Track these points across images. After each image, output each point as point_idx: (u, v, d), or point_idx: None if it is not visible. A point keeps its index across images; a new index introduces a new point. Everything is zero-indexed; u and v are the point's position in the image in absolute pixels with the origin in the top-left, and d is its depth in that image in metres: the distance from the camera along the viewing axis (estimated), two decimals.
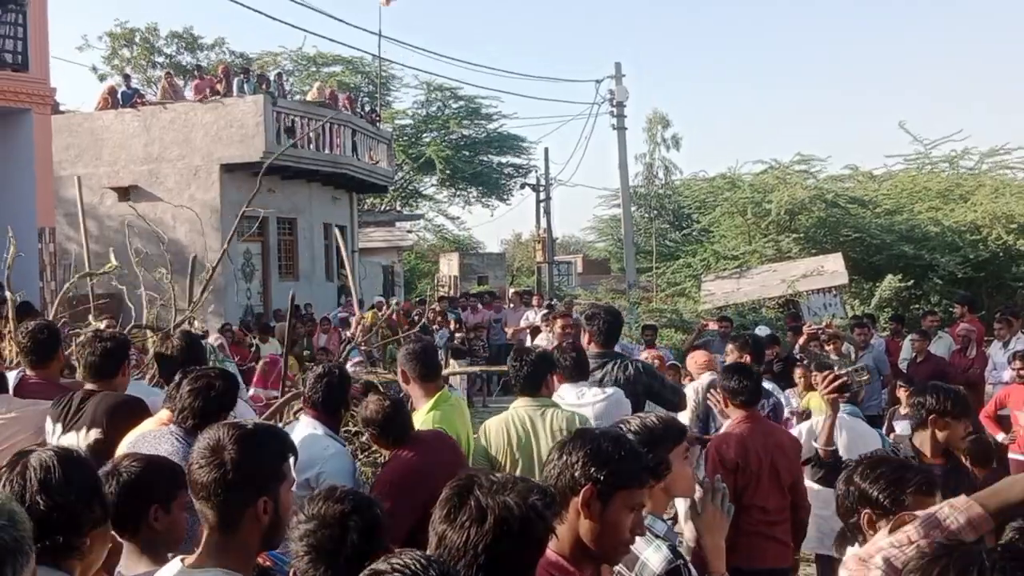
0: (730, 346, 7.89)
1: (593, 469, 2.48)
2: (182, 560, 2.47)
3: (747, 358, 7.23)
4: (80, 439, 4.28)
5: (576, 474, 2.49)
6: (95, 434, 4.29)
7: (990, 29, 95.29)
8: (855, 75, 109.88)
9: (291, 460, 2.60)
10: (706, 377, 7.46)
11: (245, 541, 2.48)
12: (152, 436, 3.97)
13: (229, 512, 2.44)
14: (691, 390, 7.35)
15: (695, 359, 8.13)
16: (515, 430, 4.92)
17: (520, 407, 5.05)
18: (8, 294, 7.59)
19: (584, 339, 6.29)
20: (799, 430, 6.27)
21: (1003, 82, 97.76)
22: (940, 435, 4.24)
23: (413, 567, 1.73)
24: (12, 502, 1.60)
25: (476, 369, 14.10)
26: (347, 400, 4.99)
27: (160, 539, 2.88)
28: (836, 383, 5.18)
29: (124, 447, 3.91)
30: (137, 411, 4.41)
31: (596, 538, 2.49)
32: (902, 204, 24.62)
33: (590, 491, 2.47)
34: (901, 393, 8.93)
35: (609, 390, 5.67)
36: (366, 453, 6.24)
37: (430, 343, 6.13)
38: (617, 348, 6.37)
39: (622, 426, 3.24)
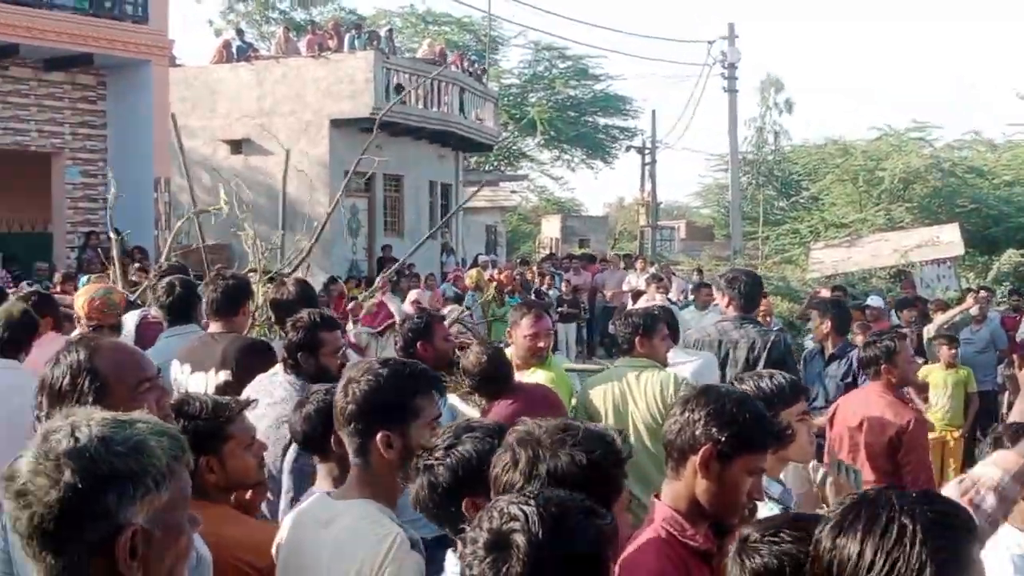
0: (813, 312, 7.76)
1: (715, 429, 2.41)
2: (328, 493, 2.59)
3: (828, 324, 7.14)
4: (209, 380, 4.36)
5: (697, 432, 2.43)
6: (224, 376, 4.36)
7: None
8: (976, 43, 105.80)
9: (433, 396, 2.63)
10: None
11: (378, 474, 2.53)
12: (267, 381, 4.10)
13: (358, 443, 2.53)
14: None
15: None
16: (612, 392, 4.91)
17: (620, 367, 5.08)
18: (112, 235, 7.78)
19: (723, 302, 6.22)
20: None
21: None
22: None
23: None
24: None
25: (588, 367, 14.05)
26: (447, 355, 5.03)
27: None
28: None
29: (248, 390, 3.98)
30: (267, 355, 4.49)
31: (712, 499, 2.43)
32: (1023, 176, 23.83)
33: (709, 451, 2.40)
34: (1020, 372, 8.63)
35: (704, 353, 5.63)
36: None
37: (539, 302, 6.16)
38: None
39: (737, 384, 3.18)
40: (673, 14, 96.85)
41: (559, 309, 16.18)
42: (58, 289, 10.85)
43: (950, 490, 2.24)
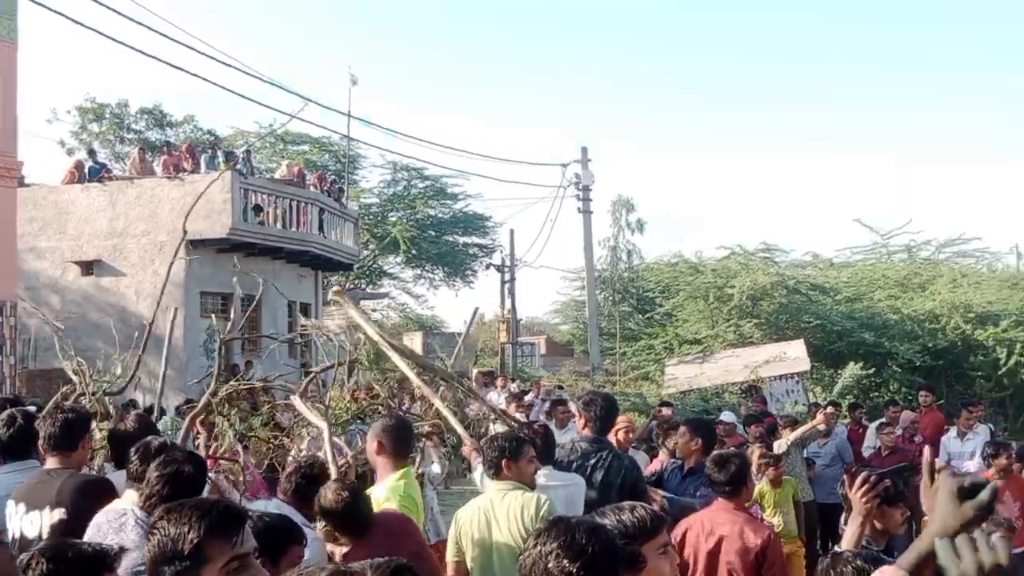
0: (683, 428, 7.90)
1: (566, 561, 2.43)
2: None
3: (698, 442, 7.23)
4: (44, 518, 4.19)
5: (549, 566, 2.44)
6: (59, 514, 4.19)
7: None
8: (813, 165, 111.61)
9: (227, 537, 2.44)
10: None
11: None
12: (117, 522, 3.91)
13: None
14: None
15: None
16: (478, 517, 4.93)
17: (489, 491, 5.09)
18: None
19: (579, 423, 6.32)
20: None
21: (953, 171, 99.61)
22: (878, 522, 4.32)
23: None
24: None
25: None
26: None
27: None
28: (877, 487, 3.84)
29: (91, 531, 3.84)
30: (105, 492, 4.31)
31: None
32: (862, 292, 25.04)
33: None
34: None
35: (574, 476, 5.70)
36: None
37: (407, 422, 6.17)
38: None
39: (598, 517, 3.21)
40: (530, 138, 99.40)
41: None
42: None
43: None
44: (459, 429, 7.25)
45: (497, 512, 4.90)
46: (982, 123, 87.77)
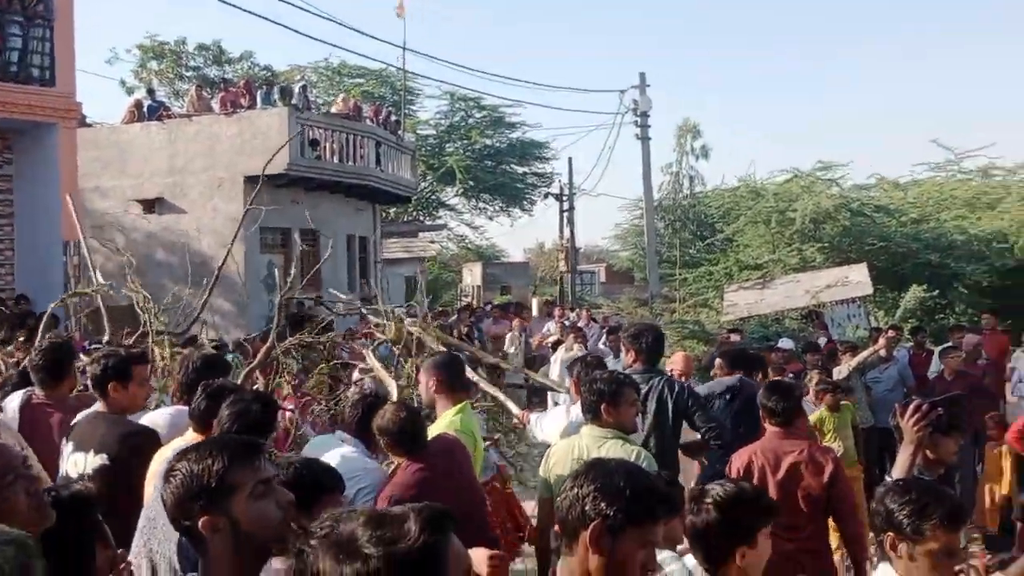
0: (718, 361, 7.86)
1: (604, 504, 2.41)
2: None
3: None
4: (88, 461, 4.29)
5: (586, 508, 2.42)
6: (101, 459, 4.29)
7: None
8: (886, 87, 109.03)
9: (254, 464, 2.42)
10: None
11: (218, 562, 2.37)
12: None
13: (191, 535, 2.40)
14: None
15: (672, 361, 8.07)
16: (571, 460, 4.72)
17: (585, 434, 4.90)
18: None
19: (628, 357, 6.29)
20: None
21: None
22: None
23: None
24: None
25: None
26: None
27: None
28: (929, 416, 3.92)
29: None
30: (150, 443, 4.40)
31: (605, 574, 2.42)
32: (928, 213, 24.51)
33: (599, 527, 2.40)
34: None
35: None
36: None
37: (458, 356, 6.21)
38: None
39: (716, 493, 3.15)
40: (587, 64, 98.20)
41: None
42: None
43: None
44: (510, 405, 7.35)
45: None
46: None
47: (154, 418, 4.99)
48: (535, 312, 25.50)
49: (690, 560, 3.18)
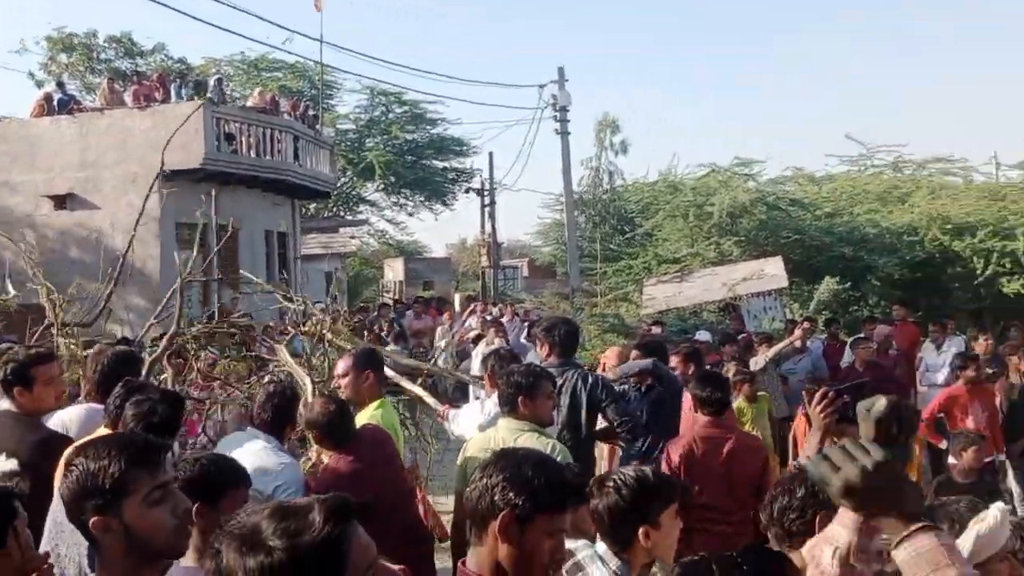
0: (674, 358, 8.01)
1: (512, 494, 2.41)
2: None
3: (692, 369, 7.44)
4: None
5: (495, 498, 2.43)
6: (12, 464, 4.19)
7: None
8: (803, 82, 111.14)
9: (149, 468, 2.37)
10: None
11: (112, 563, 2.35)
12: None
13: (85, 534, 2.37)
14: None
15: (606, 356, 8.27)
16: (487, 453, 4.75)
17: (502, 427, 4.91)
18: None
19: (543, 351, 6.31)
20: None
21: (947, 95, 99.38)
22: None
23: None
24: None
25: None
26: (294, 419, 5.02)
27: None
28: (834, 404, 3.93)
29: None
30: (63, 450, 4.30)
31: (514, 563, 2.43)
32: (842, 207, 25.04)
33: (508, 516, 2.41)
34: None
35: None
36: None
37: (377, 350, 6.23)
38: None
39: (616, 477, 3.28)
40: (506, 60, 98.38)
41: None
42: None
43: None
44: (429, 399, 7.36)
45: None
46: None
47: (65, 417, 4.89)
48: (457, 307, 25.49)
49: (600, 546, 3.22)
